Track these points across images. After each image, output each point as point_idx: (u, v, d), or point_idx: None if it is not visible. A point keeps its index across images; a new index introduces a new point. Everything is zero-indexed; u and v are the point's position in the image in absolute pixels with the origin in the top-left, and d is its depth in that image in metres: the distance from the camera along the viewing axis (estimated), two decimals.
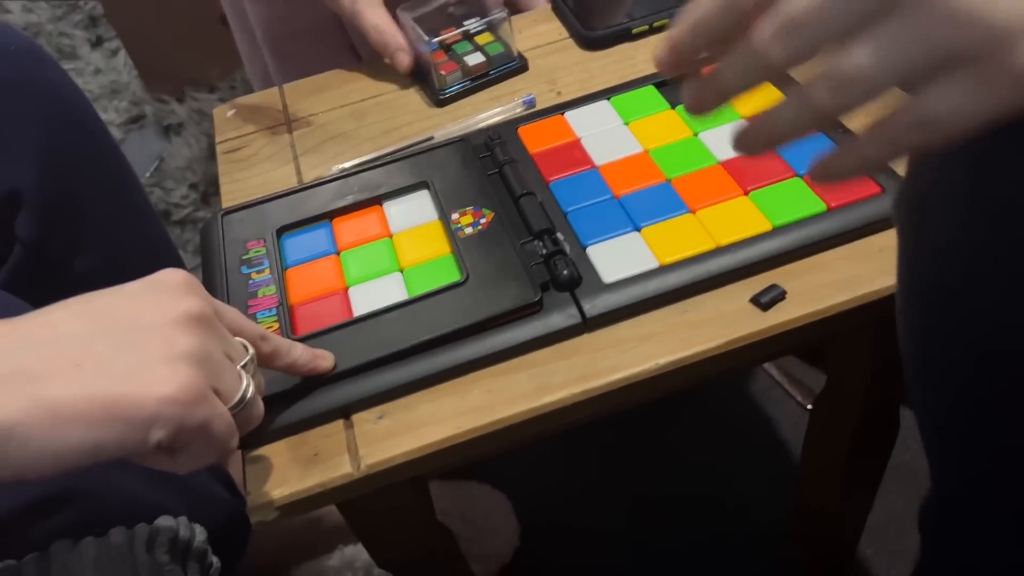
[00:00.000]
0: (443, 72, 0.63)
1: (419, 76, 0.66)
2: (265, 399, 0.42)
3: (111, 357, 0.33)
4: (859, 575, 0.81)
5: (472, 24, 0.66)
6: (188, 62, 1.49)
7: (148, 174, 1.39)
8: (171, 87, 1.52)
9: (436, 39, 0.64)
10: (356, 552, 0.77)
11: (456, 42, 0.66)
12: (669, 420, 0.96)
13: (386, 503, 0.49)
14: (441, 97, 0.64)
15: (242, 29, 0.88)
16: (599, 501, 0.90)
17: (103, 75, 1.61)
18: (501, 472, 0.87)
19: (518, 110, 0.61)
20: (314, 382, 0.45)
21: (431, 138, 0.60)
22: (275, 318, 0.48)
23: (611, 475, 0.92)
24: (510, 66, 0.65)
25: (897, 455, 0.68)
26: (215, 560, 0.48)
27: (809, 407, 0.93)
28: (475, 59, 0.64)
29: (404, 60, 0.65)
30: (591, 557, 0.86)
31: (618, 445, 0.94)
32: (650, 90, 0.59)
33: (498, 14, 0.65)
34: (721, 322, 0.45)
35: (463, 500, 0.82)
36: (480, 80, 0.64)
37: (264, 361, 0.42)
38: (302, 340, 0.46)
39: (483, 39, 0.65)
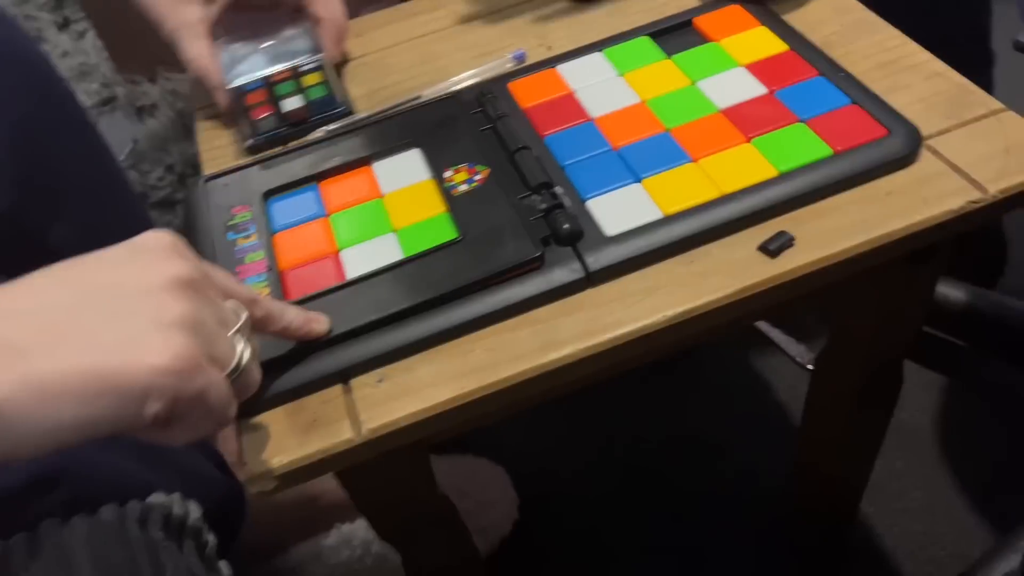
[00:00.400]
0: (254, 117, 0.56)
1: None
2: (260, 364, 0.40)
3: (99, 327, 0.31)
4: (861, 534, 0.81)
5: (304, 62, 0.59)
6: (160, 41, 1.44)
7: (122, 157, 1.35)
8: (143, 67, 1.48)
9: (249, 79, 0.58)
10: (354, 530, 0.75)
11: (283, 80, 0.58)
12: (666, 386, 0.95)
13: (387, 472, 0.48)
14: (248, 145, 0.56)
15: None
16: (598, 471, 0.89)
17: (71, 57, 1.57)
18: (498, 444, 0.86)
19: (508, 66, 0.59)
20: (310, 346, 0.43)
21: (418, 97, 0.58)
22: (265, 283, 0.46)
23: (609, 444, 0.91)
24: (332, 113, 0.57)
25: (896, 412, 0.67)
26: (211, 538, 0.46)
27: (809, 367, 0.92)
28: (292, 104, 0.56)
29: (222, 100, 0.58)
30: (591, 527, 0.85)
31: (615, 414, 0.93)
32: (645, 41, 0.57)
33: (313, 58, 0.58)
34: (729, 271, 0.44)
35: (460, 474, 0.81)
36: (299, 127, 0.56)
37: (257, 326, 0.40)
38: (295, 304, 0.44)
39: (311, 79, 0.58)
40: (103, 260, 0.34)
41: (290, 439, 0.41)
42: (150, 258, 0.33)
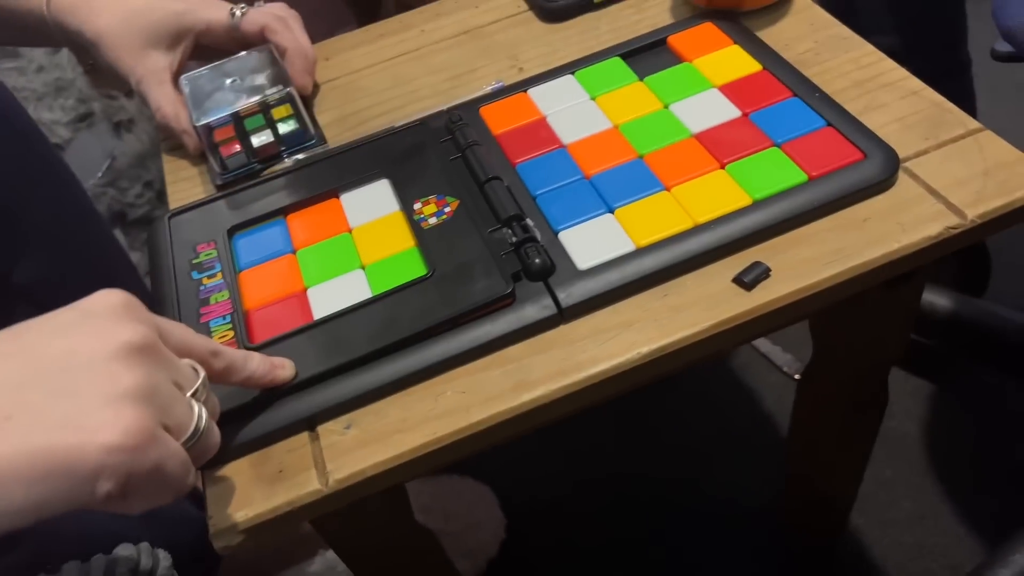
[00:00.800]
0: (223, 154, 0.55)
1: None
2: (222, 414, 0.39)
3: (46, 404, 0.30)
4: (851, 546, 0.80)
5: (272, 94, 0.56)
6: None
7: (100, 174, 1.34)
8: (119, 82, 1.46)
9: (217, 115, 0.56)
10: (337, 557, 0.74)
11: (252, 114, 0.56)
12: (650, 400, 0.94)
13: (360, 515, 0.47)
14: (219, 183, 0.55)
15: None
16: (584, 488, 0.88)
17: (46, 72, 1.55)
18: (482, 463, 0.85)
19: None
20: (274, 392, 0.42)
21: (391, 128, 0.57)
22: (229, 326, 0.45)
23: (594, 460, 0.90)
24: (306, 145, 0.56)
25: (884, 420, 0.66)
26: None
27: (796, 377, 0.92)
28: (262, 139, 0.55)
29: (190, 144, 0.57)
30: (579, 545, 0.84)
31: (599, 429, 0.92)
32: (616, 62, 0.56)
33: (281, 90, 0.56)
34: (704, 304, 0.43)
35: (444, 495, 0.80)
36: (271, 162, 0.55)
37: (218, 378, 0.38)
38: (259, 348, 0.43)
39: (280, 112, 0.56)
40: (51, 327, 0.32)
41: (255, 491, 0.40)
42: (100, 323, 0.32)
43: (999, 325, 0.84)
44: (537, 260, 0.44)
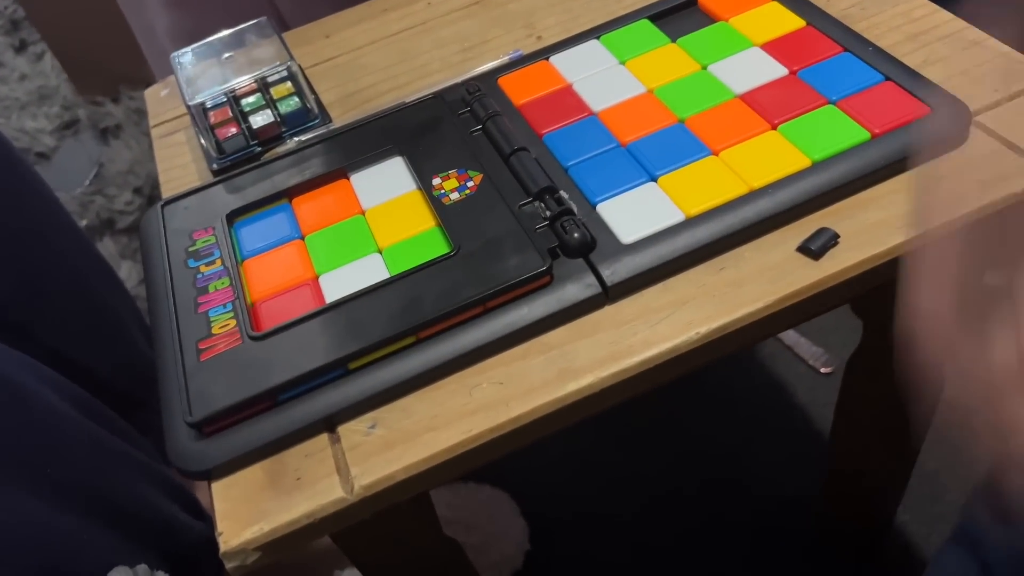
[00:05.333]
0: (219, 137, 0.50)
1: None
2: (224, 410, 0.35)
3: None
4: (897, 544, 0.75)
5: (270, 71, 0.52)
6: (120, 59, 1.37)
7: (88, 182, 1.29)
8: (104, 87, 1.41)
9: (211, 94, 0.51)
10: (354, 575, 0.69)
11: (249, 93, 0.52)
12: (674, 397, 0.89)
13: (386, 526, 0.42)
14: (215, 168, 0.50)
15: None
16: (611, 491, 0.83)
17: (30, 81, 1.50)
18: (503, 469, 0.80)
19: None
20: (285, 388, 0.37)
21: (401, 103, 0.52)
22: (231, 314, 0.40)
23: (621, 462, 0.86)
24: (309, 124, 0.52)
25: None
26: None
27: (824, 370, 0.87)
28: (262, 119, 0.50)
29: None
30: (609, 552, 0.79)
31: (624, 430, 0.88)
32: (644, 24, 0.52)
33: (280, 66, 0.52)
34: (767, 277, 0.38)
35: (465, 505, 0.75)
36: (271, 144, 0.51)
37: None
38: (266, 336, 0.39)
39: (280, 91, 0.52)
40: None
41: (271, 502, 0.35)
42: None
43: None
44: (576, 234, 0.39)
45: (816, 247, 0.38)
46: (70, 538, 0.43)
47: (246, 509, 0.35)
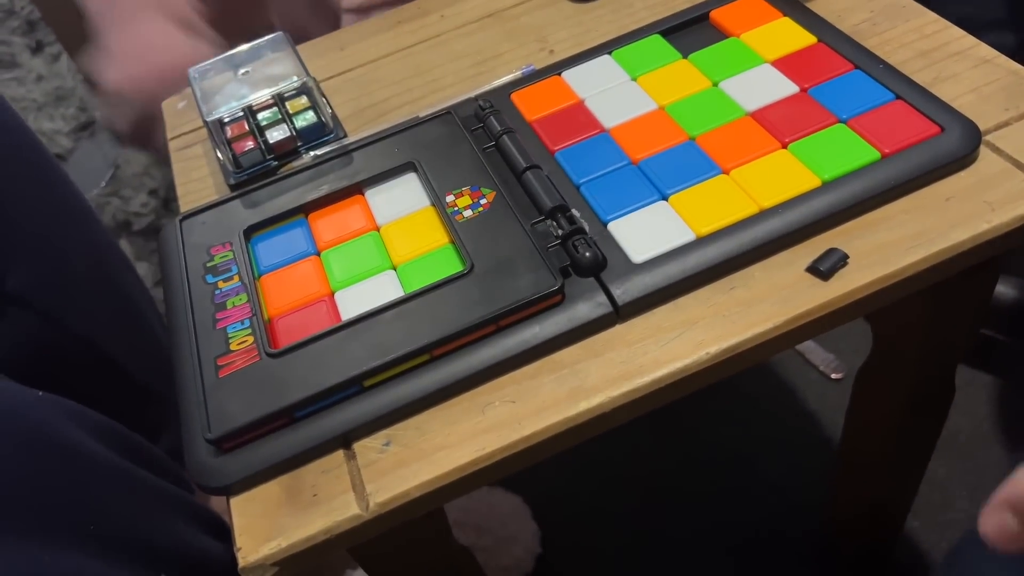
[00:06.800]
0: (237, 151, 0.50)
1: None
2: (242, 427, 0.36)
3: None
4: (907, 551, 0.76)
5: (287, 86, 0.52)
6: None
7: (104, 183, 1.30)
8: None
9: (228, 109, 0.52)
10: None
11: (266, 107, 0.52)
12: (684, 401, 0.89)
13: (400, 538, 0.43)
14: (232, 182, 0.51)
15: None
16: (621, 496, 0.84)
17: (46, 82, 1.51)
18: (515, 473, 0.81)
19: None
20: (303, 404, 0.38)
21: (415, 118, 0.53)
22: (249, 331, 0.41)
23: (631, 466, 0.86)
24: (325, 139, 0.52)
25: None
26: None
27: (834, 376, 0.87)
28: (278, 134, 0.51)
29: None
30: (619, 556, 0.80)
31: (635, 435, 0.88)
32: (656, 40, 0.52)
33: (296, 82, 0.52)
34: (777, 297, 0.39)
35: (476, 509, 0.75)
36: (287, 159, 0.51)
37: None
38: (283, 353, 0.39)
39: (296, 105, 0.52)
40: None
41: (288, 518, 0.36)
42: None
43: None
44: (587, 253, 0.40)
45: (825, 268, 0.39)
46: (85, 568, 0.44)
47: (264, 524, 0.36)
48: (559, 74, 0.52)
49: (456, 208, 0.45)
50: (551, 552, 0.79)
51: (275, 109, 0.52)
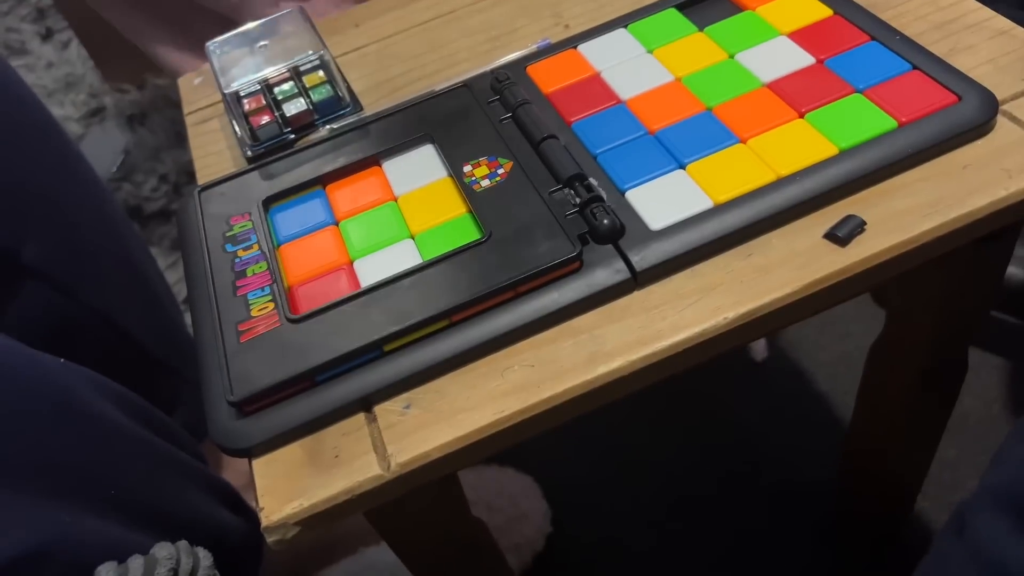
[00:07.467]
0: (253, 124, 0.51)
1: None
2: (264, 390, 0.37)
3: None
4: (916, 530, 0.76)
5: (303, 59, 0.53)
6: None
7: (114, 169, 1.31)
8: (130, 75, 1.43)
9: (245, 82, 0.52)
10: (379, 552, 0.71)
11: (283, 81, 0.53)
12: (695, 379, 0.90)
13: (419, 503, 0.43)
14: (249, 155, 0.51)
15: None
16: (631, 475, 0.84)
17: (56, 68, 1.52)
18: (524, 452, 0.81)
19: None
20: (323, 368, 0.38)
21: (431, 91, 0.53)
22: (269, 298, 0.41)
23: (641, 447, 0.87)
24: (341, 112, 0.52)
25: None
26: None
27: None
28: (295, 107, 0.51)
29: None
30: (629, 536, 0.80)
31: (645, 414, 0.89)
32: (672, 13, 0.52)
33: (313, 55, 0.52)
34: (794, 263, 0.39)
35: (487, 487, 0.76)
36: (304, 132, 0.52)
37: None
38: (304, 319, 0.40)
39: (313, 79, 0.52)
40: None
41: (310, 479, 0.36)
42: None
43: None
44: (606, 221, 0.40)
45: (843, 234, 0.39)
46: (101, 536, 0.44)
47: (286, 485, 0.36)
48: (575, 47, 0.52)
49: (473, 178, 0.45)
50: (562, 531, 0.79)
51: (292, 83, 0.52)
